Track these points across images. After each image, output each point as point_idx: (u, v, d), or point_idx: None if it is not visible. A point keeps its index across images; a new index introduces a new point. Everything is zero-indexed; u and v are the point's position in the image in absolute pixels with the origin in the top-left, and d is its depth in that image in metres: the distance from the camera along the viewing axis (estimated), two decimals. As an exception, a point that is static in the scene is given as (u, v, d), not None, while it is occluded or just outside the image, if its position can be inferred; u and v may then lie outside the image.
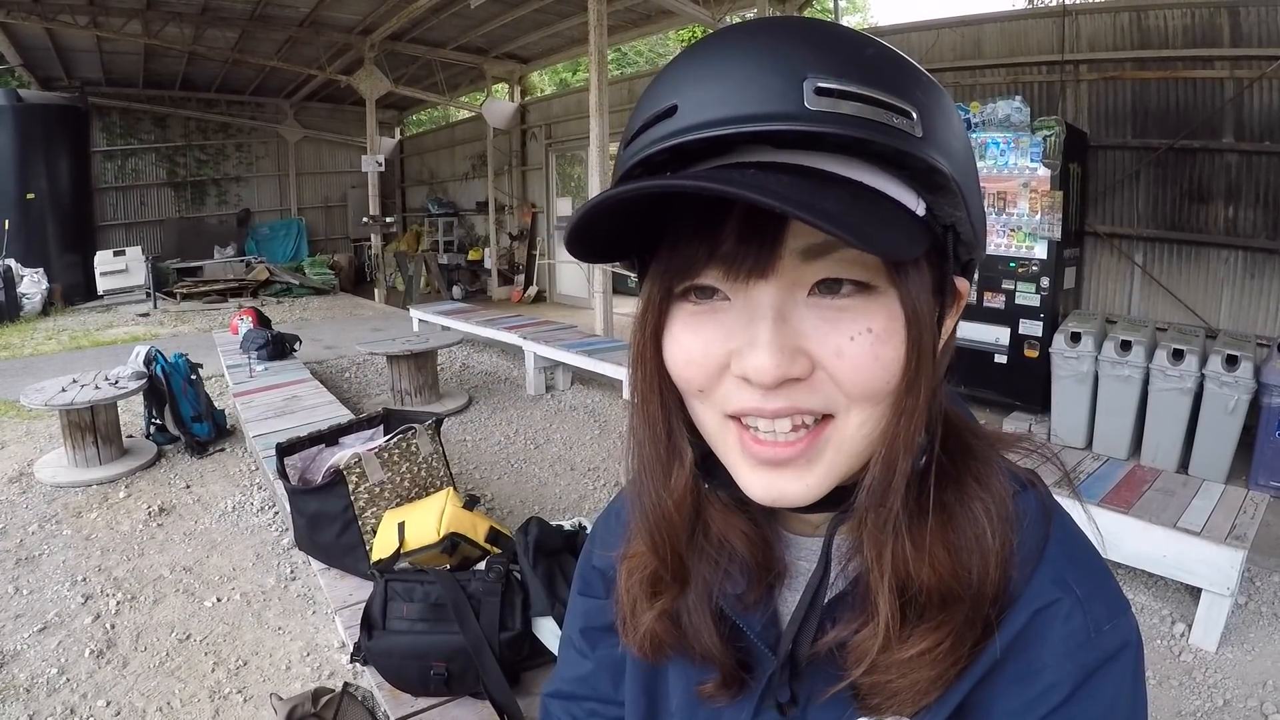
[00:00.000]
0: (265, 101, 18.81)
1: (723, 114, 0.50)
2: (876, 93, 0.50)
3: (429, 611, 2.35)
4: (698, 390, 0.60)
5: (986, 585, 0.59)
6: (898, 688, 0.60)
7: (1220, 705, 3.08)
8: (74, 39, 13.07)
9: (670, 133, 0.52)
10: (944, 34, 7.87)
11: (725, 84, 0.51)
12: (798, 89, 0.49)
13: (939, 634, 0.59)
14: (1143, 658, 0.62)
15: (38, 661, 3.33)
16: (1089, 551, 0.65)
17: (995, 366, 6.38)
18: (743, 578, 0.69)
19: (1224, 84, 6.04)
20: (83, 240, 15.63)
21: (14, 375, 8.46)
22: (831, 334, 0.54)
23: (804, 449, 0.57)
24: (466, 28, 12.80)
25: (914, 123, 0.51)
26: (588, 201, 0.51)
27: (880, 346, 0.54)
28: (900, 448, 0.56)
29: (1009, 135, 6.12)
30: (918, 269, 0.55)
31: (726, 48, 0.53)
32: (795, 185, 0.49)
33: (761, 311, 0.54)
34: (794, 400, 0.55)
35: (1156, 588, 3.81)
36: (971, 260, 0.62)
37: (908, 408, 0.56)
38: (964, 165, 0.55)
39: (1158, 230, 6.59)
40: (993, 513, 0.60)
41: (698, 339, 0.58)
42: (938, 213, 0.55)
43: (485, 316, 9.46)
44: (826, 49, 0.51)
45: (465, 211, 17.53)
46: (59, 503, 5.00)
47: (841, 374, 0.54)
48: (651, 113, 0.54)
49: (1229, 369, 5.04)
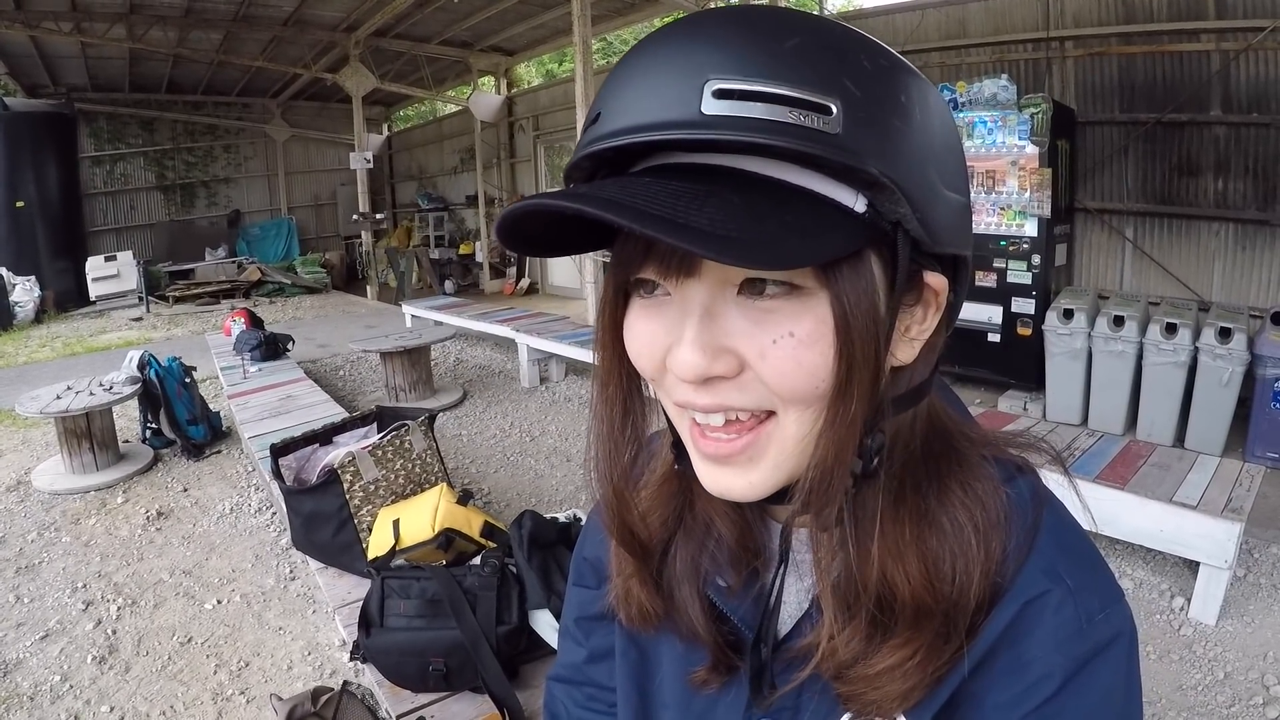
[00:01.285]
0: (252, 102, 18.75)
1: (628, 123, 0.52)
2: (787, 89, 0.48)
3: (426, 608, 2.35)
4: (651, 379, 0.61)
5: (968, 596, 0.58)
6: (872, 698, 0.60)
7: (1221, 678, 3.09)
8: (58, 45, 13.01)
9: (589, 140, 0.55)
10: (929, 14, 7.86)
11: (635, 90, 0.52)
12: (697, 93, 0.49)
13: (907, 650, 0.58)
14: (1136, 648, 0.62)
15: (40, 669, 3.33)
16: (1081, 541, 0.64)
17: (989, 345, 6.39)
18: (728, 561, 0.70)
19: (1210, 56, 6.03)
20: (73, 246, 15.58)
21: (9, 384, 8.46)
22: (756, 335, 0.54)
23: (744, 446, 0.57)
24: (451, 22, 12.75)
25: (832, 119, 0.49)
26: (503, 210, 0.54)
27: (802, 351, 0.53)
28: (832, 454, 0.55)
29: (996, 114, 6.12)
30: (855, 269, 0.53)
31: (645, 54, 0.54)
32: (678, 194, 0.49)
33: (690, 309, 0.55)
34: (722, 397, 0.56)
35: (1155, 562, 3.82)
36: (959, 256, 0.60)
37: (840, 414, 0.54)
38: (910, 158, 0.52)
39: (1148, 205, 6.59)
40: (979, 520, 0.60)
41: (645, 330, 0.59)
42: (881, 209, 0.52)
43: (478, 310, 9.47)
44: (736, 46, 0.50)
45: (455, 206, 17.49)
46: (57, 510, 5.00)
47: (766, 376, 0.54)
48: (588, 118, 0.57)
49: (1222, 341, 5.04)
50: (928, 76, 0.56)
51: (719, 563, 0.70)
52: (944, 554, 0.59)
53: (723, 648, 0.70)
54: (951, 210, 0.57)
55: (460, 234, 17.27)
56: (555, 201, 0.49)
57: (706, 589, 0.70)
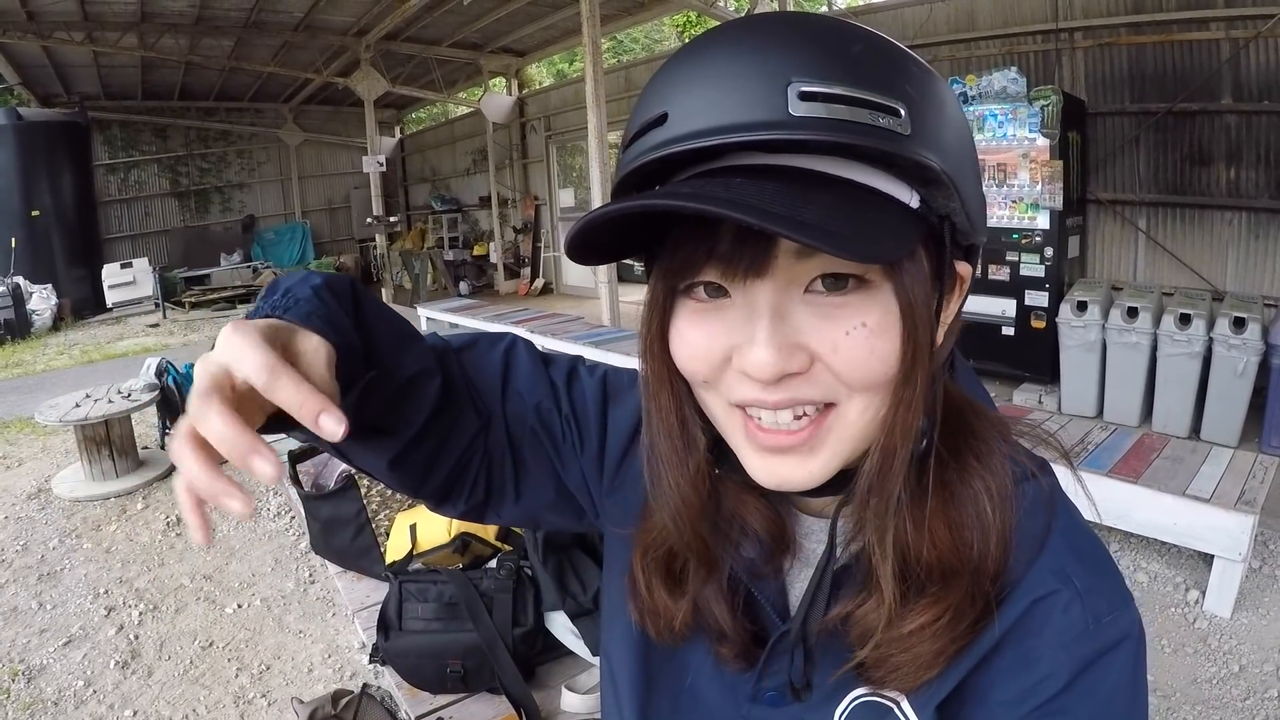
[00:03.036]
0: (264, 107, 18.81)
1: (709, 123, 0.52)
2: (863, 92, 0.50)
3: (443, 611, 2.37)
4: (703, 381, 0.62)
5: (987, 560, 0.60)
6: (899, 662, 0.61)
7: (1235, 671, 3.08)
8: (71, 55, 13.08)
9: (660, 142, 0.54)
10: (937, 8, 7.83)
11: (712, 91, 0.53)
12: (782, 94, 0.50)
13: (938, 608, 0.60)
14: (1144, 652, 0.62)
15: (64, 675, 3.38)
16: (1092, 543, 0.65)
17: (1003, 339, 6.37)
18: (757, 552, 0.70)
19: (1220, 45, 5.99)
20: (89, 254, 15.67)
21: (28, 392, 8.53)
22: (828, 329, 0.55)
23: (807, 437, 0.59)
24: (461, 24, 12.76)
25: (902, 120, 0.51)
26: (579, 220, 0.53)
27: (875, 340, 0.55)
28: (898, 435, 0.57)
29: (1006, 106, 6.10)
30: (913, 260, 0.56)
31: (715, 52, 0.55)
32: (778, 193, 0.50)
33: (759, 310, 0.56)
34: (794, 392, 0.57)
35: (1169, 555, 3.81)
36: (974, 245, 0.63)
37: (905, 397, 0.56)
38: (957, 156, 0.56)
39: (1160, 195, 6.56)
40: (993, 490, 0.61)
41: (701, 334, 0.59)
42: (932, 204, 0.56)
43: (493, 311, 9.49)
44: (812, 50, 0.52)
45: (469, 207, 17.51)
46: (78, 517, 5.05)
47: (839, 367, 0.55)
48: (644, 119, 0.56)
49: (1237, 331, 5.02)
50: (937, 70, 0.59)
51: (749, 558, 0.71)
52: (965, 521, 0.61)
53: (749, 641, 0.70)
54: (982, 202, 0.61)
55: (474, 235, 17.28)
56: (672, 202, 0.50)
57: (738, 573, 0.71)
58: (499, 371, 0.85)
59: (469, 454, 0.82)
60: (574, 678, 2.23)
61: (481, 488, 0.84)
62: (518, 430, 0.85)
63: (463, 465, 0.82)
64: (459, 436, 0.81)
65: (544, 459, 0.86)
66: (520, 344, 0.90)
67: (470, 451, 0.82)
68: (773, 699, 0.71)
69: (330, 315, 0.63)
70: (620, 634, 0.82)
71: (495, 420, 0.84)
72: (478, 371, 0.84)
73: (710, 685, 0.75)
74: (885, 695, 0.65)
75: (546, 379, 0.87)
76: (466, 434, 0.81)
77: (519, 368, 0.87)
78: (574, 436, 0.86)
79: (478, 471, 0.84)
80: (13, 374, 10.07)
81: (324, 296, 0.65)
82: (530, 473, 0.86)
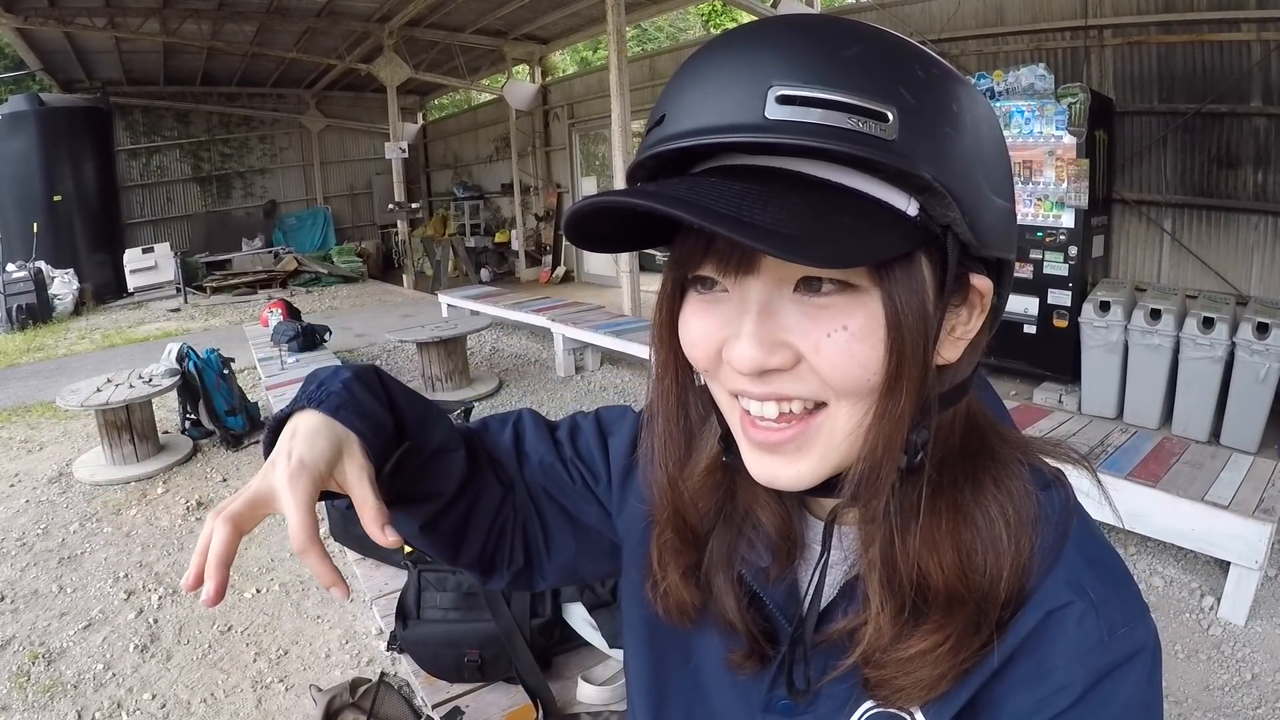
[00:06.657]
0: (286, 93, 18.90)
1: (694, 125, 0.54)
2: (845, 96, 0.51)
3: (461, 600, 2.38)
4: (705, 370, 0.64)
5: (998, 588, 0.60)
6: (901, 684, 0.61)
7: (1249, 679, 3.07)
8: (92, 41, 13.19)
9: (655, 141, 0.57)
10: (965, 2, 7.75)
11: (699, 94, 0.55)
12: (760, 98, 0.51)
13: (939, 635, 0.60)
14: (1159, 665, 0.62)
15: (84, 658, 3.42)
16: (1108, 555, 0.64)
17: (1024, 337, 6.33)
18: (766, 550, 0.71)
19: (1251, 46, 5.92)
20: (111, 239, 15.82)
21: (49, 376, 8.62)
22: (811, 330, 0.56)
23: (794, 435, 0.60)
24: (485, 10, 12.79)
25: (889, 125, 0.51)
26: (571, 206, 0.55)
27: (856, 344, 0.55)
28: (881, 447, 0.57)
29: (1033, 103, 6.06)
30: (907, 269, 0.55)
31: (709, 59, 0.56)
32: (741, 194, 0.51)
33: (748, 305, 0.58)
34: (777, 387, 0.58)
35: (1185, 561, 3.79)
36: (1003, 260, 0.63)
37: (889, 408, 0.56)
38: (962, 164, 0.55)
39: (1186, 196, 6.49)
40: (1010, 516, 0.61)
41: (702, 324, 0.61)
42: (931, 213, 0.55)
43: (513, 299, 9.50)
44: (799, 54, 0.53)
45: (490, 194, 17.56)
46: (98, 501, 5.11)
47: (820, 368, 0.56)
48: (652, 119, 0.59)
49: (1260, 337, 4.98)
50: (964, 65, 0.58)
51: (758, 552, 0.71)
52: (977, 546, 0.61)
53: (757, 637, 0.71)
54: (998, 215, 0.59)
55: (496, 222, 17.33)
56: (626, 199, 0.52)
57: (744, 574, 0.72)
58: (512, 442, 0.94)
59: (500, 521, 0.90)
60: (590, 669, 2.24)
61: (520, 553, 0.92)
62: (536, 489, 0.92)
63: (498, 534, 0.90)
64: (487, 504, 0.89)
65: (561, 509, 0.92)
66: (526, 414, 0.98)
67: (501, 519, 0.90)
68: (784, 708, 0.71)
69: (358, 405, 0.73)
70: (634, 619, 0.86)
71: (517, 485, 0.91)
72: (495, 446, 0.93)
73: (723, 692, 0.76)
74: (898, 708, 0.65)
75: (549, 436, 0.95)
76: (493, 501, 0.89)
77: (527, 434, 0.95)
78: (585, 475, 0.92)
79: (513, 538, 0.91)
80: (34, 358, 10.16)
81: (353, 388, 0.75)
82: (553, 523, 0.92)
